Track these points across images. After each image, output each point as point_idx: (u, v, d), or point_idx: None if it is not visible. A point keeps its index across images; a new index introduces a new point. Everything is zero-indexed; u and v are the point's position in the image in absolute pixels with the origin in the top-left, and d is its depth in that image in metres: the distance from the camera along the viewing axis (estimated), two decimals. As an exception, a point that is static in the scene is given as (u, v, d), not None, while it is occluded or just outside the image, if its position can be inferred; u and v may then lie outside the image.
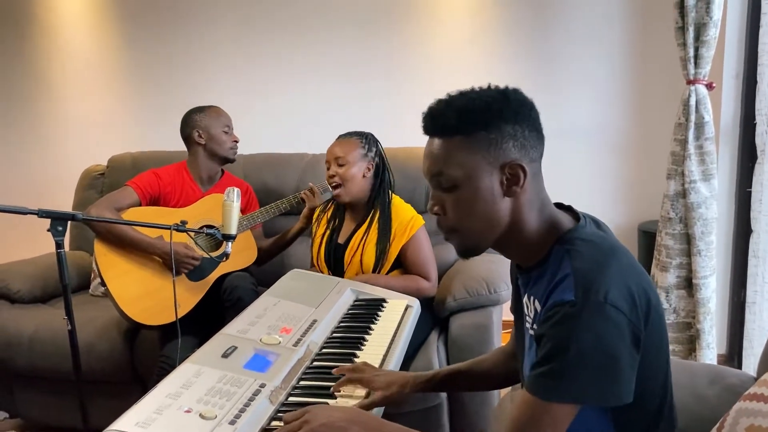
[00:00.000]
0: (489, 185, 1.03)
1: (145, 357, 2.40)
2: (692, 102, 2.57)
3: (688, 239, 2.66)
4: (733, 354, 2.96)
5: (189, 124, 2.50)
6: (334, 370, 1.36)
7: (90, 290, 2.90)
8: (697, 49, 2.53)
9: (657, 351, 1.04)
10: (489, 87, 1.06)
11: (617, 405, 0.95)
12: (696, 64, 2.55)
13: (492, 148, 1.02)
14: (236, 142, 2.53)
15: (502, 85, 1.06)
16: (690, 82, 2.58)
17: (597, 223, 1.12)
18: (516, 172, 1.03)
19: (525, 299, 1.13)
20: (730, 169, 2.88)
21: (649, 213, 3.17)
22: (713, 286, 2.68)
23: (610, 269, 0.97)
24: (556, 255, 1.04)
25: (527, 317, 1.12)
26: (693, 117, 2.58)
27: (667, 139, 2.71)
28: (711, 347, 2.67)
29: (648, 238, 2.98)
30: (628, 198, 3.27)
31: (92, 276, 2.91)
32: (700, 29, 2.50)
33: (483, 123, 1.02)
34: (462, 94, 1.05)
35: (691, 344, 2.74)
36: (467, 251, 1.11)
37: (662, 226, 2.72)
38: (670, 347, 2.70)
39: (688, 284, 2.69)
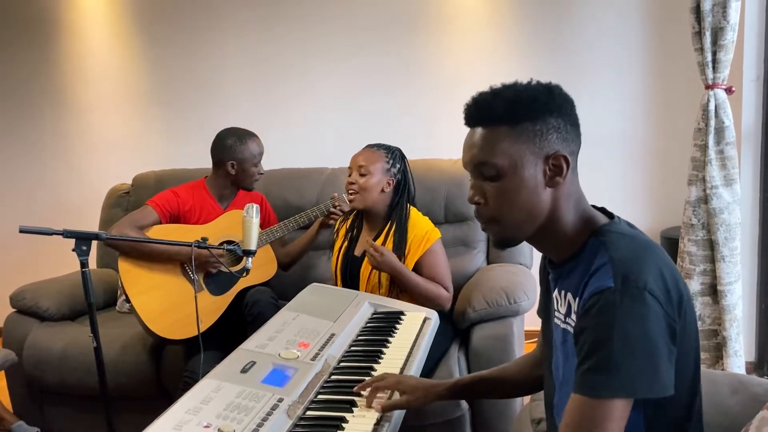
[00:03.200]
0: (533, 175, 1.04)
1: (170, 372, 2.44)
2: (711, 107, 2.55)
3: (711, 245, 2.63)
4: (762, 362, 2.90)
5: (225, 152, 2.48)
6: (354, 389, 1.36)
7: (117, 307, 2.95)
8: (714, 54, 2.51)
9: (688, 348, 1.03)
10: (531, 81, 1.08)
11: (662, 396, 0.94)
12: (714, 68, 2.53)
13: (537, 139, 1.04)
14: (261, 174, 2.56)
15: (545, 81, 1.08)
16: (709, 87, 2.56)
17: (629, 224, 1.12)
18: (560, 163, 1.04)
19: (555, 294, 1.13)
20: (753, 174, 2.84)
21: (672, 219, 3.13)
22: (739, 293, 2.64)
23: (647, 260, 0.98)
24: (591, 247, 1.04)
25: (557, 312, 1.12)
26: (713, 122, 2.56)
27: (688, 144, 2.69)
28: (738, 355, 2.63)
29: (671, 244, 2.94)
30: (649, 205, 3.24)
31: (119, 293, 2.96)
32: (718, 33, 2.48)
33: (529, 114, 1.04)
34: (507, 87, 1.07)
35: (718, 352, 2.69)
36: (504, 241, 1.11)
37: (685, 232, 2.69)
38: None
39: (713, 291, 2.66)
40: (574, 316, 1.03)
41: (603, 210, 1.14)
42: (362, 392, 1.34)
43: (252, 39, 3.61)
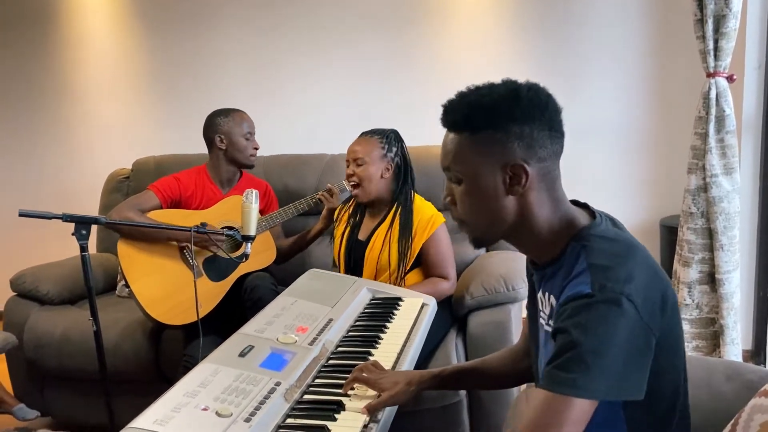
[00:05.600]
0: (492, 183, 1.04)
1: (169, 356, 2.45)
2: (712, 95, 2.54)
3: (710, 234, 2.63)
4: (759, 350, 2.92)
5: (211, 128, 2.52)
6: (343, 389, 1.35)
7: (116, 291, 2.96)
8: (716, 41, 2.50)
9: (672, 352, 1.04)
10: (505, 82, 1.06)
11: (630, 400, 0.95)
12: (716, 56, 2.52)
13: (497, 147, 1.03)
14: (256, 149, 2.56)
15: (522, 79, 1.07)
16: (710, 75, 2.55)
17: (613, 222, 1.11)
18: (518, 173, 1.03)
19: (540, 295, 1.13)
20: (753, 163, 2.83)
21: (671, 208, 3.14)
22: (737, 281, 2.64)
23: (627, 266, 0.97)
24: (571, 251, 1.04)
25: (542, 313, 1.12)
26: (713, 110, 2.55)
27: (688, 133, 2.68)
28: (735, 343, 2.64)
29: (670, 233, 2.95)
30: (649, 193, 3.24)
31: (118, 277, 2.97)
32: (720, 21, 2.46)
33: (489, 122, 1.03)
34: (475, 90, 1.07)
35: (715, 340, 2.70)
36: (476, 242, 1.14)
37: (684, 221, 2.69)
38: (694, 343, 2.69)
39: (711, 279, 2.66)
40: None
41: (586, 206, 1.13)
42: (349, 391, 1.33)
43: (251, 25, 3.59)
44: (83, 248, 1.78)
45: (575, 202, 1.14)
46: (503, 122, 1.03)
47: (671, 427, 1.09)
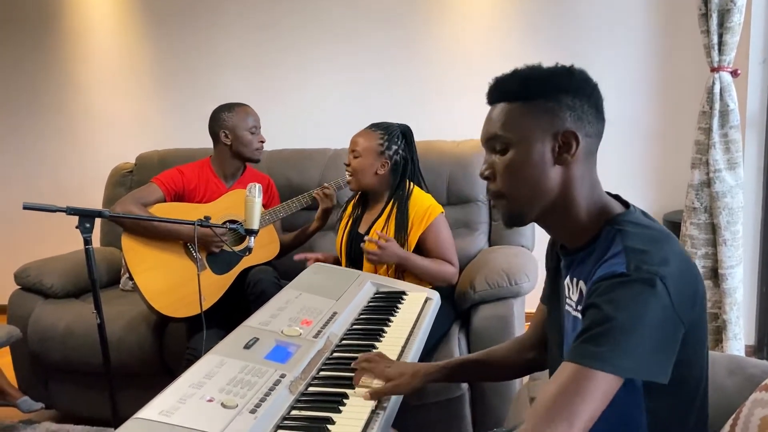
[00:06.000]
0: (540, 150, 1.04)
1: (173, 349, 2.46)
2: (716, 90, 2.54)
3: (713, 229, 2.63)
4: (762, 345, 2.92)
5: (216, 123, 2.52)
6: (354, 382, 1.35)
7: (120, 285, 2.97)
8: (721, 36, 2.50)
9: (698, 342, 1.03)
10: (556, 64, 1.09)
11: (654, 381, 0.94)
12: (720, 51, 2.51)
13: (548, 115, 1.04)
14: (262, 143, 2.56)
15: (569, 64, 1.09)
16: (714, 70, 2.54)
17: (645, 214, 1.11)
18: (568, 140, 1.04)
19: (567, 281, 1.12)
20: (757, 158, 2.83)
21: (674, 203, 3.13)
22: (740, 276, 2.65)
23: (663, 251, 0.97)
24: (606, 235, 1.04)
25: (568, 299, 1.11)
26: (717, 105, 2.54)
27: (692, 128, 2.68)
28: (738, 338, 2.64)
29: (673, 228, 2.94)
30: (652, 188, 3.23)
31: (122, 271, 2.98)
32: (724, 15, 2.46)
33: (543, 90, 1.05)
34: (528, 66, 1.08)
35: (718, 335, 2.71)
36: (512, 218, 1.10)
37: (687, 216, 2.69)
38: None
39: (714, 274, 2.66)
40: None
41: (618, 198, 1.13)
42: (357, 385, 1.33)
43: (255, 18, 3.59)
44: (87, 241, 1.78)
45: (607, 193, 1.14)
46: (556, 92, 1.05)
47: (691, 420, 1.08)
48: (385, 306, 1.79)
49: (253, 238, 1.95)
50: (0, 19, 3.94)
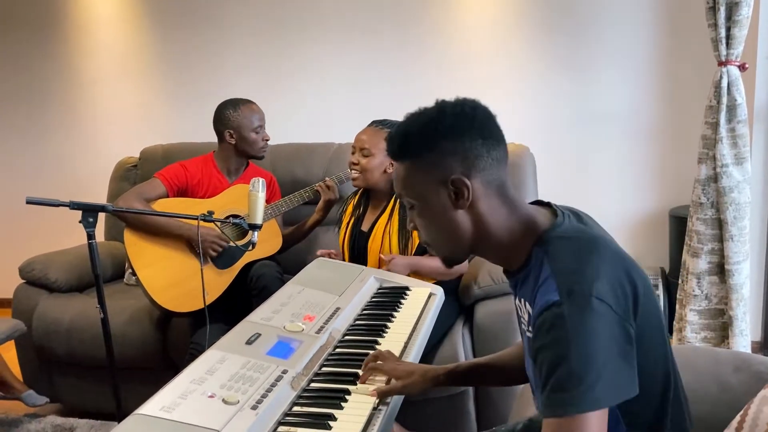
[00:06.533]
0: (438, 202, 1.06)
1: (176, 343, 2.46)
2: (724, 84, 2.51)
3: (720, 224, 2.61)
4: (768, 341, 2.90)
5: (221, 121, 2.51)
6: (359, 382, 1.34)
7: (124, 279, 2.98)
8: (728, 29, 2.47)
9: (653, 337, 1.03)
10: (436, 102, 1.09)
11: (628, 398, 0.93)
12: (728, 44, 2.49)
13: (434, 167, 1.06)
14: (267, 140, 2.55)
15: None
16: (721, 64, 2.52)
17: (578, 216, 1.11)
18: (459, 186, 1.05)
19: (517, 302, 1.13)
20: (764, 152, 2.81)
21: (681, 198, 3.11)
22: (747, 272, 2.63)
23: (591, 264, 0.96)
24: (536, 257, 1.03)
25: (522, 318, 1.12)
26: (725, 99, 2.52)
27: (699, 122, 2.66)
28: (744, 334, 2.62)
29: (679, 223, 2.93)
30: (658, 183, 3.21)
31: (126, 265, 2.99)
32: (732, 8, 2.43)
33: (423, 145, 1.06)
34: (409, 117, 1.10)
35: (724, 331, 2.69)
36: (446, 261, 1.15)
37: (693, 211, 2.67)
38: (702, 334, 2.68)
39: (721, 270, 2.64)
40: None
41: (549, 205, 1.12)
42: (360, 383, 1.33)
43: (259, 12, 3.58)
44: (90, 236, 1.78)
45: (539, 202, 1.14)
46: (433, 142, 1.06)
47: (667, 412, 1.08)
48: (388, 301, 1.78)
49: (256, 232, 1.94)
50: (5, 13, 3.94)
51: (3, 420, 2.61)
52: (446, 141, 1.05)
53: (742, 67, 2.53)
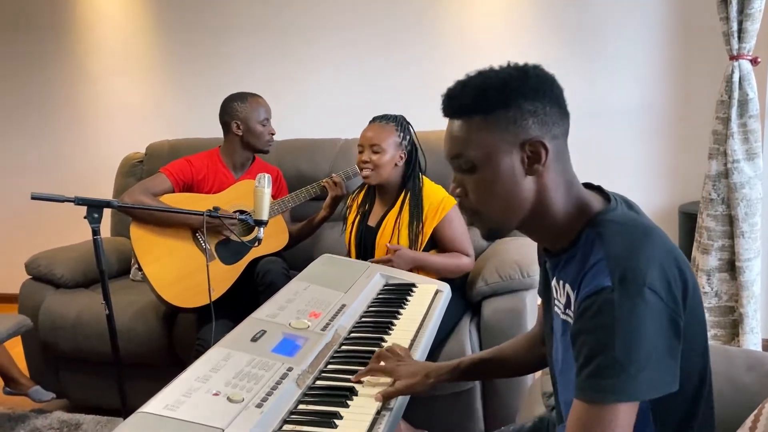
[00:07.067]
0: (509, 164, 1.00)
1: (182, 339, 2.46)
2: (735, 78, 2.48)
3: (730, 221, 2.58)
4: (779, 339, 2.87)
5: (228, 113, 2.51)
6: (353, 377, 1.32)
7: (130, 275, 2.97)
8: (740, 23, 2.44)
9: (695, 336, 1.00)
10: (508, 64, 1.03)
11: (667, 393, 0.91)
12: (740, 38, 2.45)
13: (511, 126, 0.99)
14: (273, 134, 2.54)
15: (522, 62, 1.03)
16: (733, 58, 2.49)
17: (629, 204, 1.07)
18: (537, 150, 0.99)
19: (554, 282, 1.10)
20: (776, 148, 2.77)
21: (691, 194, 3.08)
22: (757, 269, 2.60)
23: (645, 252, 0.93)
24: (586, 238, 1.00)
25: (556, 301, 1.09)
26: (736, 94, 2.49)
27: (709, 117, 2.62)
28: (755, 332, 2.59)
29: (689, 219, 2.90)
30: (668, 179, 3.18)
31: (132, 261, 2.98)
32: (744, 2, 2.40)
33: (501, 101, 0.99)
34: (479, 74, 1.03)
35: (734, 329, 2.66)
36: (491, 234, 1.08)
37: (704, 207, 2.64)
38: (712, 332, 2.65)
39: (731, 267, 2.61)
40: (573, 307, 1.00)
41: (600, 189, 1.09)
42: (361, 379, 1.31)
43: (265, 7, 3.56)
44: (95, 232, 1.78)
45: (588, 185, 1.10)
46: (515, 100, 0.99)
47: (698, 413, 1.05)
48: (394, 298, 1.77)
49: (262, 228, 1.93)
50: (11, 10, 3.94)
51: (10, 415, 2.62)
52: (527, 101, 0.99)
53: (754, 62, 2.50)
